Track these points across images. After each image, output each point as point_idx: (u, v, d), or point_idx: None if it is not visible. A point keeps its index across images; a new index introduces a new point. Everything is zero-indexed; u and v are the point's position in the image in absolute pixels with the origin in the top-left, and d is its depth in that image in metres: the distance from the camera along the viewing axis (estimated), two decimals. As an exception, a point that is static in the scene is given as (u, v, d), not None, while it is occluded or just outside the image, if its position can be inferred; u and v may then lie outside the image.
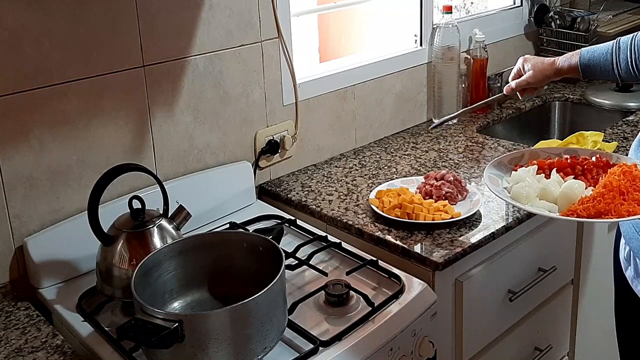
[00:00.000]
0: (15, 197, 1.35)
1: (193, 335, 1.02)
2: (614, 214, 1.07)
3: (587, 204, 1.10)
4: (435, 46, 2.11)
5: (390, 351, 1.21)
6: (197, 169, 1.63)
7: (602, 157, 1.23)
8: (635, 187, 1.11)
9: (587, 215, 1.09)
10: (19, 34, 1.29)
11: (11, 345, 1.17)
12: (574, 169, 1.23)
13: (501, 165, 1.27)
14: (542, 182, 1.22)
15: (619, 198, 1.09)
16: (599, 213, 1.09)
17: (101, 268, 1.26)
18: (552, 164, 1.25)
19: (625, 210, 1.07)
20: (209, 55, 1.60)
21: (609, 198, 1.09)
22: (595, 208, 1.09)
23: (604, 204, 1.08)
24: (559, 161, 1.26)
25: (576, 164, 1.24)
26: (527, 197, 1.17)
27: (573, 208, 1.11)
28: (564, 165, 1.24)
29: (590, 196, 1.11)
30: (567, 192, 1.15)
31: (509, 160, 1.29)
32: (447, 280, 1.42)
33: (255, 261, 1.21)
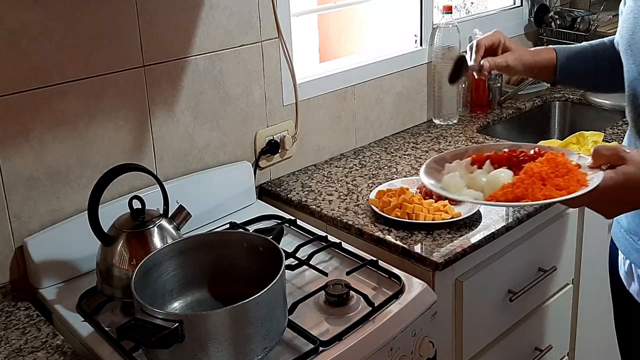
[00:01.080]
0: (15, 197, 1.35)
1: (193, 335, 1.02)
2: (530, 197, 1.04)
3: (506, 189, 1.07)
4: (435, 46, 2.11)
5: (390, 351, 1.21)
6: (197, 169, 1.63)
7: (541, 150, 1.19)
8: (557, 172, 1.08)
9: (505, 200, 1.06)
10: (19, 34, 1.29)
11: (11, 346, 1.17)
12: (509, 161, 1.19)
13: (443, 160, 1.23)
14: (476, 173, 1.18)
15: (538, 183, 1.06)
16: (517, 197, 1.05)
17: (101, 268, 1.26)
18: (488, 157, 1.21)
19: (542, 194, 1.04)
20: (209, 55, 1.60)
21: (529, 183, 1.06)
22: (513, 193, 1.06)
23: (522, 188, 1.06)
24: (495, 154, 1.21)
25: (512, 156, 1.20)
26: (456, 186, 1.15)
27: (494, 194, 1.08)
28: (500, 158, 1.20)
29: (510, 182, 1.09)
30: (493, 181, 1.13)
31: (452, 155, 1.24)
32: (447, 280, 1.42)
33: (255, 261, 1.21)
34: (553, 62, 1.38)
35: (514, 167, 1.16)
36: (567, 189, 1.04)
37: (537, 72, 1.40)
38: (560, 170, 1.08)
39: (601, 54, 1.38)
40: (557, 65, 1.37)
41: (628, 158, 1.00)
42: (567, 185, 1.04)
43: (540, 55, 1.38)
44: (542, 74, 1.41)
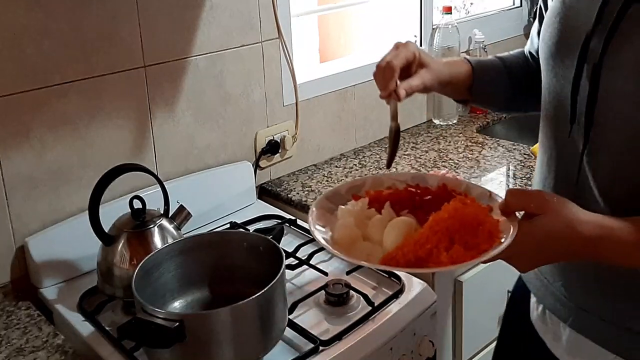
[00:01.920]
0: (16, 197, 1.35)
1: (194, 334, 1.02)
2: (434, 262, 0.86)
3: (408, 248, 0.88)
4: (435, 47, 2.12)
5: (390, 351, 1.21)
6: (198, 169, 1.63)
7: (447, 186, 1.01)
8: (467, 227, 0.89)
9: (404, 263, 0.87)
10: (19, 34, 1.29)
11: (12, 345, 1.17)
12: (412, 202, 1.00)
13: (337, 196, 1.02)
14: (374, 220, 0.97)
15: (444, 241, 0.88)
16: (419, 260, 0.86)
17: (102, 268, 1.27)
18: (388, 196, 1.01)
19: (448, 257, 0.86)
20: (209, 55, 1.60)
21: (434, 242, 0.87)
22: (415, 254, 0.87)
23: (425, 249, 0.87)
24: (396, 192, 1.02)
25: (414, 196, 1.01)
26: (352, 238, 0.94)
27: (393, 253, 0.89)
28: (400, 196, 1.01)
29: (412, 239, 0.89)
30: (392, 233, 0.92)
31: (347, 189, 1.04)
32: (447, 280, 1.43)
33: (256, 261, 1.21)
34: (469, 74, 1.15)
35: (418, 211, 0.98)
36: (477, 248, 0.87)
37: (453, 89, 1.15)
38: (470, 223, 0.90)
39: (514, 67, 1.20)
40: (473, 79, 1.15)
41: (548, 207, 0.85)
42: (477, 243, 0.88)
43: (455, 68, 1.15)
44: (457, 91, 1.17)
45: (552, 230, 0.84)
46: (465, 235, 0.89)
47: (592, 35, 0.91)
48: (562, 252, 0.87)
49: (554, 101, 1.01)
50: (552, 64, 1.00)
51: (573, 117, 0.95)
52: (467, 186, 1.01)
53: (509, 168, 1.80)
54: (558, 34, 0.98)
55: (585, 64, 0.92)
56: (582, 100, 0.93)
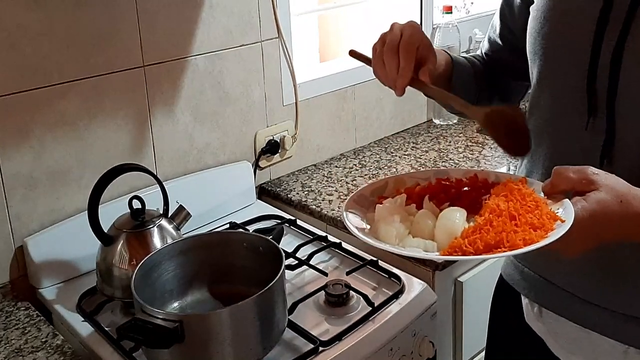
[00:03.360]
0: (15, 197, 1.35)
1: (193, 335, 1.02)
2: (507, 245, 0.82)
3: (474, 237, 0.84)
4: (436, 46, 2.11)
5: (390, 351, 1.21)
6: (197, 169, 1.63)
7: (477, 176, 0.99)
8: (527, 207, 0.86)
9: (474, 252, 0.83)
10: (19, 34, 1.29)
11: (11, 345, 1.17)
12: (448, 195, 0.97)
13: (362, 198, 1.00)
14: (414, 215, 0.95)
15: (510, 224, 0.84)
16: (488, 246, 0.83)
17: (101, 268, 1.26)
18: (422, 191, 0.99)
19: (521, 238, 0.82)
20: (209, 55, 1.60)
21: (499, 226, 0.84)
22: (483, 240, 0.83)
23: (493, 233, 0.83)
24: (429, 186, 0.99)
25: (449, 188, 0.98)
26: (399, 235, 0.91)
27: (456, 243, 0.84)
28: (436, 190, 0.98)
29: (475, 226, 0.85)
30: (446, 224, 0.89)
31: (371, 191, 1.01)
32: (447, 281, 1.42)
33: (255, 261, 1.21)
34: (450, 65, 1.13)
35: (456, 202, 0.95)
36: (543, 228, 0.83)
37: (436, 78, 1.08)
38: (529, 203, 0.87)
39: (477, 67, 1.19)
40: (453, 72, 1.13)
41: (600, 182, 0.82)
42: (542, 223, 0.83)
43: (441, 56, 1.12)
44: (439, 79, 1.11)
45: (609, 205, 0.80)
46: (526, 215, 0.85)
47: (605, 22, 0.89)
48: (615, 230, 0.83)
49: (562, 95, 0.98)
50: (555, 56, 0.98)
51: (590, 109, 0.93)
52: (496, 175, 0.98)
53: (509, 168, 1.80)
54: (556, 27, 0.96)
55: (601, 53, 0.90)
56: (601, 91, 0.91)
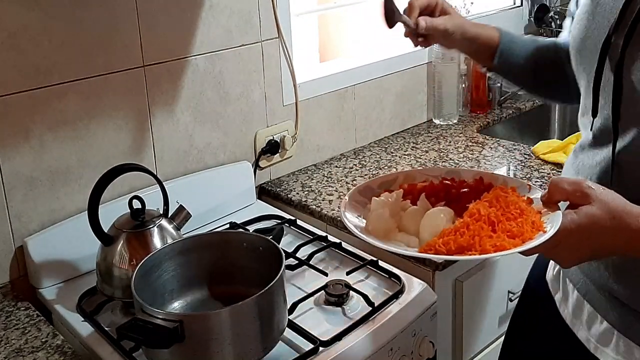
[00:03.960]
0: (15, 197, 1.35)
1: (193, 335, 1.02)
2: (478, 249, 0.84)
3: (448, 237, 0.86)
4: (436, 46, 2.11)
5: (390, 351, 1.21)
6: (197, 169, 1.63)
7: (484, 179, 1.00)
8: (509, 215, 0.88)
9: (446, 252, 0.86)
10: (19, 34, 1.29)
11: (11, 345, 1.17)
12: (448, 195, 0.99)
13: (369, 190, 1.02)
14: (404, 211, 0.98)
15: (487, 229, 0.86)
16: (461, 248, 0.85)
17: (101, 268, 1.26)
18: (423, 189, 1.01)
19: (492, 244, 0.84)
20: (209, 55, 1.60)
21: (475, 229, 0.86)
22: (456, 242, 0.85)
23: (467, 236, 0.85)
24: (431, 185, 1.02)
25: (450, 188, 1.00)
26: (386, 229, 0.94)
27: (432, 242, 0.87)
28: (436, 189, 1.00)
29: (453, 227, 0.88)
30: (429, 223, 0.92)
31: (379, 184, 1.03)
32: (447, 281, 1.42)
33: (256, 261, 1.21)
34: (495, 41, 1.18)
35: (454, 203, 0.97)
36: (522, 236, 0.85)
37: (476, 49, 1.19)
38: (512, 211, 0.89)
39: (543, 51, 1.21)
40: (499, 46, 1.18)
41: (593, 196, 0.83)
42: (521, 232, 0.86)
43: (483, 29, 1.18)
44: (480, 53, 1.19)
45: (599, 220, 0.82)
46: (506, 223, 0.87)
47: (615, 30, 0.92)
48: (607, 245, 0.84)
49: (582, 95, 1.03)
50: (580, 58, 1.02)
51: (595, 111, 0.96)
52: (504, 180, 1.00)
53: (509, 168, 1.80)
54: (585, 30, 1.00)
55: (607, 59, 0.93)
56: (607, 95, 0.94)
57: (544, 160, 1.81)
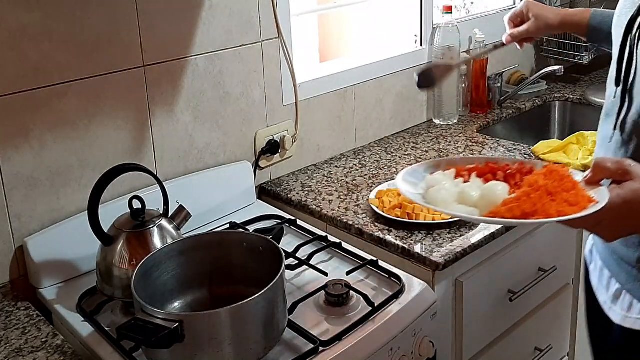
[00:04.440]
0: (16, 197, 1.35)
1: (193, 335, 1.02)
2: (541, 214, 0.92)
3: (510, 205, 0.94)
4: (436, 46, 2.11)
5: (391, 351, 1.21)
6: (197, 169, 1.63)
7: (525, 164, 1.09)
8: (564, 187, 0.95)
9: (511, 217, 0.93)
10: (19, 34, 1.29)
11: (11, 345, 1.17)
12: (495, 175, 1.07)
13: (416, 173, 1.12)
14: (460, 186, 1.06)
15: (546, 198, 0.94)
16: (524, 214, 0.93)
17: (101, 268, 1.26)
18: (471, 170, 1.09)
19: (555, 210, 0.91)
20: (209, 55, 1.60)
21: (536, 198, 0.94)
22: (520, 208, 0.93)
23: (529, 203, 0.93)
24: (478, 166, 1.10)
25: (497, 170, 1.09)
26: (444, 201, 1.02)
27: (495, 210, 0.95)
28: (484, 170, 1.09)
29: (514, 196, 0.96)
30: (489, 195, 1.00)
31: (425, 168, 1.14)
32: (447, 280, 1.42)
33: (256, 261, 1.21)
34: (585, 23, 1.40)
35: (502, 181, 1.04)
36: (578, 205, 0.92)
37: (570, 31, 1.48)
38: (566, 184, 0.96)
39: None
40: (589, 26, 1.40)
41: (635, 173, 0.91)
42: (577, 201, 0.92)
43: (572, 17, 1.43)
44: (576, 33, 1.47)
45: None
46: (563, 194, 0.94)
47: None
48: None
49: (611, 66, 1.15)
50: (614, 32, 1.17)
51: (617, 80, 1.10)
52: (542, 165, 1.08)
53: (509, 168, 1.80)
54: (621, 8, 1.15)
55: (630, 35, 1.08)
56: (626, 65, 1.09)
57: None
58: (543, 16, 1.43)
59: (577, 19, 1.42)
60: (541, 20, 1.43)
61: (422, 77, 1.39)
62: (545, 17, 1.43)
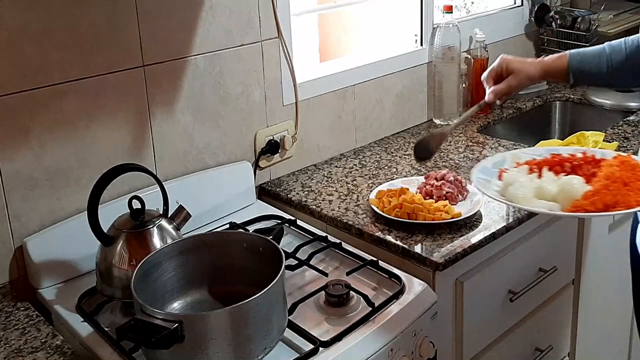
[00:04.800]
0: (15, 197, 1.34)
1: (193, 335, 1.02)
2: (622, 205, 1.00)
3: (593, 198, 1.02)
4: (436, 46, 2.11)
5: (391, 352, 1.21)
6: (197, 169, 1.63)
7: (586, 153, 1.19)
8: (637, 176, 1.05)
9: (595, 210, 1.02)
10: (19, 34, 1.29)
11: (11, 346, 1.16)
12: (563, 167, 1.17)
13: (485, 170, 1.22)
14: (536, 181, 1.16)
15: (623, 189, 1.02)
16: (606, 206, 1.02)
17: (101, 268, 1.26)
18: (540, 163, 1.19)
19: (634, 200, 1.00)
20: (209, 55, 1.59)
21: (615, 189, 1.02)
22: (602, 201, 1.01)
23: (610, 195, 1.01)
24: (546, 160, 1.20)
25: (564, 161, 1.19)
26: (525, 198, 1.11)
27: (578, 204, 1.04)
28: (553, 163, 1.19)
29: (593, 190, 1.04)
30: (567, 188, 1.09)
31: (492, 164, 1.24)
32: (447, 281, 1.42)
33: (255, 261, 1.21)
34: (564, 68, 1.43)
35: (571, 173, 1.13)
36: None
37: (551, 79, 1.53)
38: (638, 173, 1.05)
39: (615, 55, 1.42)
40: (569, 72, 1.43)
41: None
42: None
43: (551, 65, 1.45)
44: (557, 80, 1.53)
45: None
46: (637, 182, 1.03)
47: None
48: None
49: None
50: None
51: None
52: (602, 153, 1.17)
53: (509, 168, 1.80)
54: None
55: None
56: None
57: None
58: (524, 70, 1.44)
59: (557, 65, 1.45)
60: (522, 74, 1.44)
61: (419, 149, 1.47)
62: (526, 71, 1.44)
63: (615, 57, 1.41)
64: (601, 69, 1.42)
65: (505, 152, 1.34)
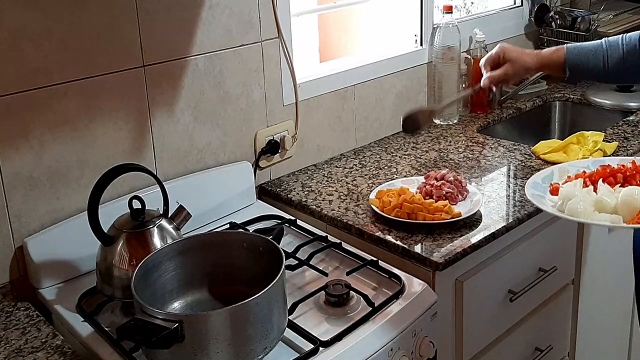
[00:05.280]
0: (15, 197, 1.35)
1: (193, 335, 1.02)
2: None
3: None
4: (436, 46, 2.11)
5: (391, 351, 1.21)
6: (197, 169, 1.63)
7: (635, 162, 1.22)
8: None
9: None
10: (19, 34, 1.29)
11: (11, 346, 1.17)
12: (615, 178, 1.20)
13: (536, 185, 1.27)
14: (593, 194, 1.18)
15: None
16: None
17: (101, 268, 1.26)
18: (592, 175, 1.22)
19: None
20: (209, 55, 1.59)
21: None
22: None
23: None
24: (598, 172, 1.23)
25: (617, 172, 1.21)
26: (585, 212, 1.13)
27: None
28: (605, 175, 1.21)
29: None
30: (628, 200, 1.11)
31: (542, 179, 1.28)
32: (447, 281, 1.42)
33: (256, 261, 1.21)
34: (561, 62, 1.46)
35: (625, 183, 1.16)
36: None
37: (547, 72, 1.54)
38: None
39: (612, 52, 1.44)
40: (566, 65, 1.46)
41: None
42: None
43: (548, 58, 1.48)
44: (553, 73, 1.54)
45: None
46: None
47: None
48: None
49: None
50: None
51: None
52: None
53: (509, 168, 1.80)
54: None
55: None
56: None
57: (544, 160, 1.81)
58: (521, 60, 1.49)
59: (554, 58, 1.48)
60: (519, 64, 1.48)
61: (408, 121, 1.51)
62: (523, 61, 1.48)
63: (612, 53, 1.42)
64: (597, 64, 1.43)
65: (552, 166, 1.39)
